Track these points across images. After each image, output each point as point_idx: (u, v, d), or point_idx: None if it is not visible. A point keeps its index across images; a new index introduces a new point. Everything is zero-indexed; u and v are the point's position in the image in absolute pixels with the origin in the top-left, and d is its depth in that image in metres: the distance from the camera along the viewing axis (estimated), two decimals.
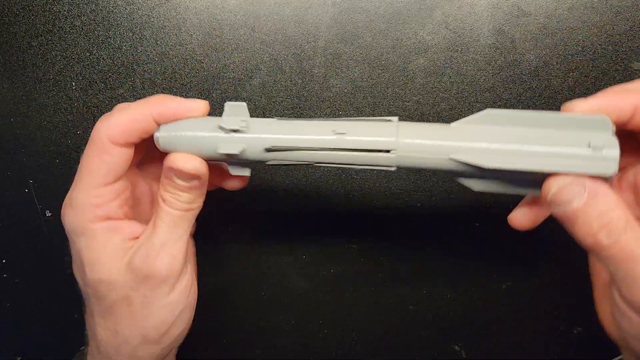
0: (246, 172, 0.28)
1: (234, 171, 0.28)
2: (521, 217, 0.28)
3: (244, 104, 0.26)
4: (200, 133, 0.26)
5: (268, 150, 0.26)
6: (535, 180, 0.24)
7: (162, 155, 0.27)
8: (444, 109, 0.36)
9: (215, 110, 0.31)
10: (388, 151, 0.25)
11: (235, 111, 0.26)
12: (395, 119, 0.25)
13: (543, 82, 0.36)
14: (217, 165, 0.31)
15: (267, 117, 0.37)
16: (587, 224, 0.23)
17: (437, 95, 0.36)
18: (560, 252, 0.37)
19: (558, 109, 0.36)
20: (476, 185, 0.26)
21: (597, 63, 0.36)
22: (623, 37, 0.35)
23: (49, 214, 0.39)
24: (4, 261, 0.40)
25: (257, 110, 0.36)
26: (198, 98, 0.37)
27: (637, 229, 0.22)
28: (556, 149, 0.23)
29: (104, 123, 0.26)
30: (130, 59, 0.36)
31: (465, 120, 0.25)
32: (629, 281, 0.22)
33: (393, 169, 0.25)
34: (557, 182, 0.23)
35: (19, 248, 0.40)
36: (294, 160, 0.26)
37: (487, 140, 0.24)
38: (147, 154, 0.30)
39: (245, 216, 0.39)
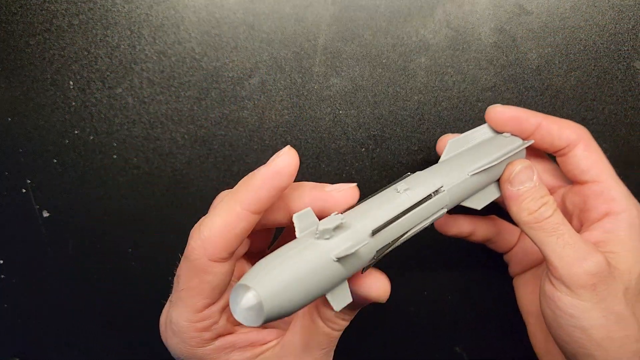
0: (348, 298, 0.21)
1: (339, 302, 0.21)
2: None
3: (309, 209, 0.21)
4: (305, 260, 0.19)
5: (374, 232, 0.21)
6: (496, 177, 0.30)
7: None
8: (445, 108, 0.36)
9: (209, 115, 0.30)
10: (437, 192, 0.25)
11: (306, 219, 0.21)
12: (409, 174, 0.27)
13: (545, 81, 0.35)
14: None
15: (266, 116, 0.36)
16: (532, 202, 0.28)
17: (439, 95, 0.36)
18: None
19: (560, 108, 0.36)
20: (478, 201, 0.29)
21: (600, 62, 0.35)
22: (625, 36, 0.35)
23: (47, 214, 0.38)
24: (1, 262, 0.40)
25: (257, 110, 0.36)
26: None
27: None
28: (503, 149, 0.30)
29: (196, 239, 0.21)
30: (129, 58, 0.36)
31: (444, 156, 0.29)
32: (557, 251, 0.27)
33: (444, 211, 0.26)
34: (519, 164, 0.29)
35: (16, 248, 0.39)
36: (393, 237, 0.23)
37: (477, 156, 0.29)
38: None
39: None
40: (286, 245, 0.20)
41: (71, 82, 0.36)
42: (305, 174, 0.38)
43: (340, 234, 0.20)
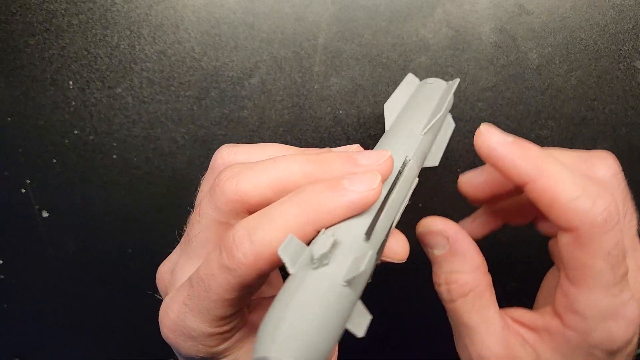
0: (367, 316, 0.17)
1: (361, 326, 0.17)
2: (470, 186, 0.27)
3: (291, 236, 0.18)
4: (317, 302, 0.16)
5: (368, 234, 0.18)
6: None
7: None
8: None
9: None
10: (404, 165, 0.23)
11: (292, 248, 0.17)
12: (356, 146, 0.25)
13: (545, 80, 0.35)
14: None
15: (266, 115, 0.36)
16: (438, 274, 0.24)
17: None
18: None
19: (561, 108, 0.36)
20: (433, 158, 0.27)
21: (600, 62, 0.35)
22: (626, 35, 0.35)
23: (47, 214, 0.38)
24: (0, 262, 0.40)
25: (257, 109, 0.36)
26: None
27: (480, 299, 0.23)
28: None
29: (248, 253, 0.18)
30: (128, 58, 0.36)
31: (388, 122, 0.27)
32: (459, 338, 0.24)
33: (416, 181, 0.23)
34: (427, 224, 0.24)
35: (16, 249, 0.39)
36: (385, 231, 0.20)
37: (417, 113, 0.26)
38: None
39: None
40: (285, 288, 0.17)
41: (71, 82, 0.36)
42: None
43: (335, 253, 0.17)
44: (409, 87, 0.29)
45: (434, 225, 0.24)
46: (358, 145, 0.23)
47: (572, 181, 0.20)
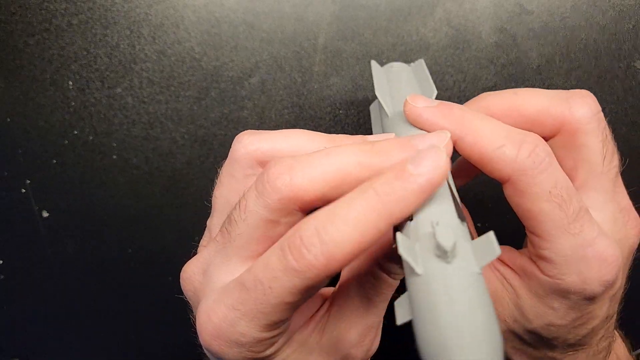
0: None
1: None
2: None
3: (399, 233, 0.17)
4: (478, 298, 0.15)
5: (460, 217, 0.18)
6: None
7: None
8: None
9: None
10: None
11: (406, 245, 0.17)
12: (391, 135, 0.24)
13: (545, 80, 0.35)
14: None
15: (266, 115, 0.36)
16: None
17: (439, 94, 0.36)
18: None
19: None
20: None
21: (600, 61, 0.35)
22: (626, 35, 0.35)
23: (47, 214, 0.38)
24: (1, 262, 0.39)
25: (257, 109, 0.36)
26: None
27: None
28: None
29: (318, 254, 0.17)
30: (128, 58, 0.36)
31: (387, 108, 0.26)
32: None
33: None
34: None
35: (16, 249, 0.39)
36: (461, 211, 0.19)
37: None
38: None
39: None
40: (428, 290, 0.16)
41: (70, 82, 0.36)
42: None
43: (463, 239, 0.17)
44: (381, 73, 0.29)
45: None
46: (393, 134, 0.22)
47: (495, 132, 0.20)
